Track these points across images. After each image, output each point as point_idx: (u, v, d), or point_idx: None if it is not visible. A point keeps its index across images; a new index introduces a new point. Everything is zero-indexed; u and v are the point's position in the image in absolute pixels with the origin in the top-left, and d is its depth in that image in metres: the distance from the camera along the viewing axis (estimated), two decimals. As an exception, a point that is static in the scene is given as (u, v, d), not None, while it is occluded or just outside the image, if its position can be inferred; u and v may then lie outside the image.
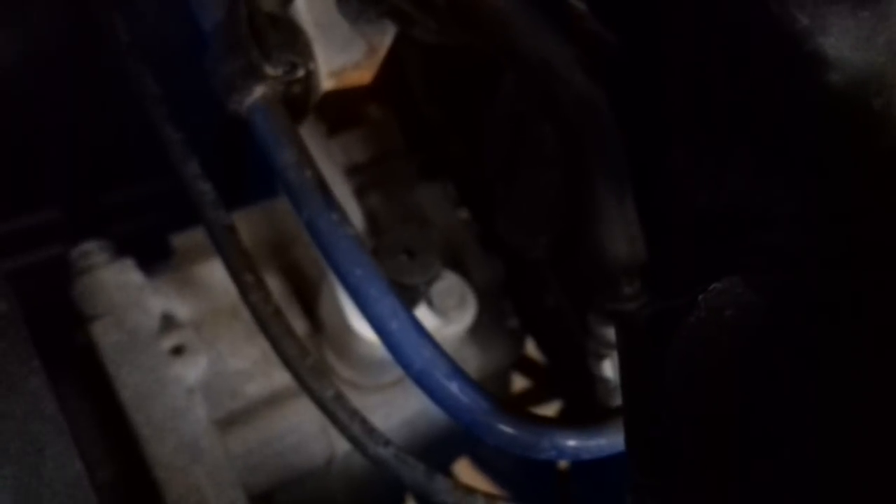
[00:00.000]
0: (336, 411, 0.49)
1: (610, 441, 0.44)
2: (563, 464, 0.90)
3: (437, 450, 0.69)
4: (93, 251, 0.63)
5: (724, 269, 0.34)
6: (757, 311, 0.28)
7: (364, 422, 0.48)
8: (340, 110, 0.77)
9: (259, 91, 0.47)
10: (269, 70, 0.48)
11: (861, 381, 0.26)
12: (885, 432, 0.25)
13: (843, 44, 0.33)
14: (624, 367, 0.35)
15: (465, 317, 0.64)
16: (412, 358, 0.42)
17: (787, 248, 0.35)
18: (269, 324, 0.50)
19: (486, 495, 0.49)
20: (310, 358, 0.49)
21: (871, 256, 0.32)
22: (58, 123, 0.83)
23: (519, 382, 0.86)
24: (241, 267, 0.51)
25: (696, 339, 0.29)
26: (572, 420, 0.45)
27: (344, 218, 0.45)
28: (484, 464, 0.92)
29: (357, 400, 0.51)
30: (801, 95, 0.35)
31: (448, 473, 0.65)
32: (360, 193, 0.71)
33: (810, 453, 0.26)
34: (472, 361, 0.69)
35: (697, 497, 0.30)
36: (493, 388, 0.68)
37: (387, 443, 0.48)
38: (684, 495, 0.30)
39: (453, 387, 0.42)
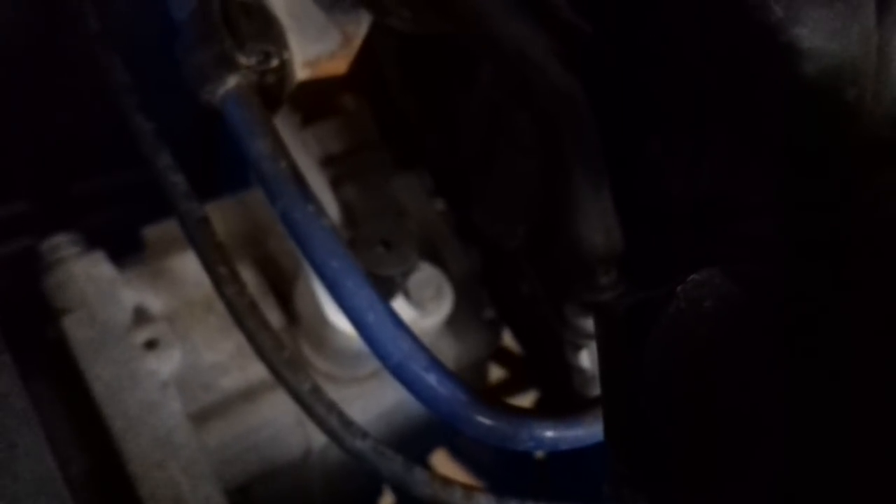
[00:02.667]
0: (313, 404, 0.48)
1: (588, 431, 0.44)
2: (540, 453, 0.90)
3: (414, 441, 0.69)
4: (63, 244, 0.62)
5: (702, 259, 0.34)
6: (736, 301, 0.28)
7: (341, 415, 0.48)
8: (315, 100, 0.77)
9: (232, 81, 0.47)
10: (243, 59, 0.47)
11: (840, 372, 0.26)
12: (864, 421, 0.25)
13: (817, 34, 0.34)
14: (602, 358, 0.35)
15: (442, 308, 0.64)
16: (390, 350, 0.42)
17: (764, 238, 0.35)
18: (244, 317, 0.49)
19: (464, 486, 0.49)
20: (286, 351, 0.49)
21: (845, 246, 0.32)
22: (26, 114, 0.81)
23: (496, 373, 0.86)
24: (215, 260, 0.50)
25: (675, 329, 0.29)
26: (550, 411, 0.45)
27: (319, 209, 0.44)
28: (461, 454, 0.93)
29: (334, 392, 0.50)
30: (776, 86, 0.35)
31: (426, 464, 0.65)
32: (335, 184, 0.70)
33: (789, 443, 0.26)
34: (449, 353, 0.69)
35: (676, 487, 0.30)
36: (470, 379, 0.68)
37: (364, 435, 0.48)
38: (663, 485, 0.31)
39: (431, 379, 0.42)
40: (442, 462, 0.89)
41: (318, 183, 0.67)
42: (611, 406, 0.35)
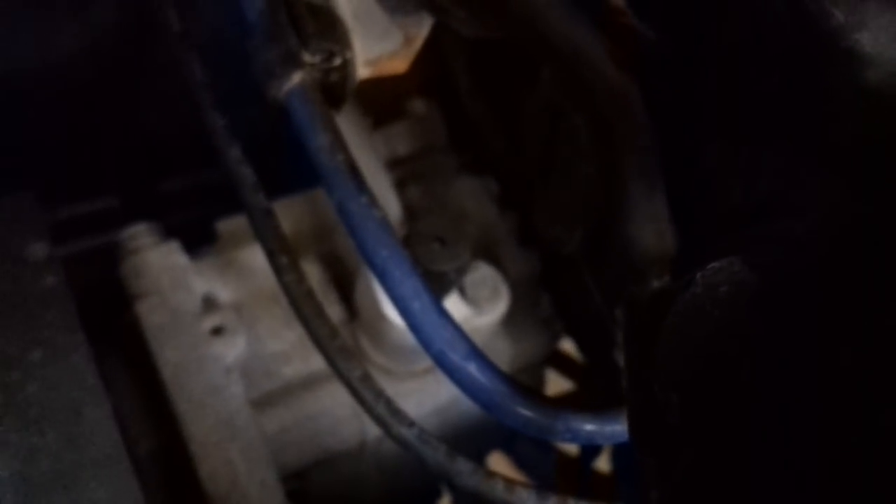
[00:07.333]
0: (362, 391, 0.49)
1: (626, 427, 0.44)
2: (604, 467, 0.89)
3: (467, 439, 0.70)
4: (141, 233, 0.66)
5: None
6: (751, 287, 0.28)
7: (389, 402, 0.49)
8: (386, 104, 0.79)
9: (297, 77, 0.49)
10: (307, 57, 0.49)
11: (851, 359, 0.26)
12: (871, 412, 0.25)
13: (879, 40, 0.33)
14: (625, 347, 0.35)
15: (498, 308, 0.65)
16: (432, 338, 0.43)
17: (796, 235, 0.35)
18: (301, 304, 0.51)
19: (506, 479, 0.49)
20: (339, 339, 0.50)
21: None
22: (117, 114, 0.86)
23: (559, 384, 0.86)
24: (276, 248, 0.52)
25: (690, 312, 0.29)
26: (590, 405, 0.45)
27: (373, 201, 0.46)
28: (520, 461, 0.92)
29: (390, 387, 0.51)
30: (838, 92, 0.35)
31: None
32: (400, 185, 0.72)
33: (796, 426, 0.26)
34: (504, 353, 0.70)
35: (694, 471, 0.30)
36: (526, 382, 0.68)
37: (411, 423, 0.49)
38: (682, 470, 0.31)
39: (471, 367, 0.43)
40: (499, 467, 0.90)
41: (383, 183, 0.69)
42: (631, 394, 0.35)
